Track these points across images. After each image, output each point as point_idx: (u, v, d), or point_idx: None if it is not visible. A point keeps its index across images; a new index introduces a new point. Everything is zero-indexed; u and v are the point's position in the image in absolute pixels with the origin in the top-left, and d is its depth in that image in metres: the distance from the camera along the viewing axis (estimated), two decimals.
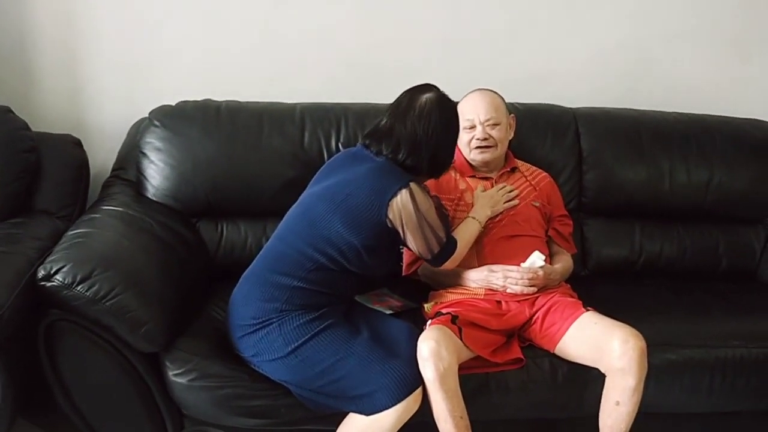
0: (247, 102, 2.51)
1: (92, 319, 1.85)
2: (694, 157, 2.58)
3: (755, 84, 2.91)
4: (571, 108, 2.64)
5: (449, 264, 2.06)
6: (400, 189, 1.88)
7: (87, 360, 1.89)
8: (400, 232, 1.92)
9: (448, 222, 2.07)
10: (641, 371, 1.88)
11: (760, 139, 2.65)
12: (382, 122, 2.01)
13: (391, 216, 1.89)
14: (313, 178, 2.09)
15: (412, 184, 1.90)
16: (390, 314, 2.14)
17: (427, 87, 2.02)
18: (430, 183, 2.27)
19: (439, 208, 2.03)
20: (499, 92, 2.37)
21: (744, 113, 2.76)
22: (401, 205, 1.88)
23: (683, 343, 2.11)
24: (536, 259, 2.12)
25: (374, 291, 2.28)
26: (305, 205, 2.01)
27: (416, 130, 1.94)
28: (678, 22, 2.82)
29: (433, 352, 1.82)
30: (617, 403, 1.90)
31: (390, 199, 1.88)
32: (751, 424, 2.26)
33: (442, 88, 2.05)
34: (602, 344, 1.92)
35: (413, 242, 1.94)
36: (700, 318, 2.28)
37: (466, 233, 2.14)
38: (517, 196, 2.32)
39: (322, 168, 2.10)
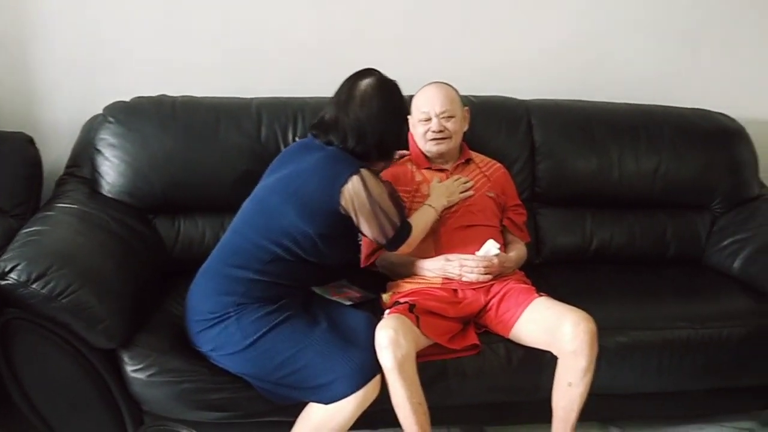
0: (203, 97, 2.51)
1: (49, 317, 1.84)
2: (643, 146, 2.65)
3: (703, 75, 2.99)
4: (523, 100, 2.70)
5: (405, 248, 2.09)
6: (351, 175, 1.90)
7: (44, 358, 1.88)
8: (354, 218, 1.94)
9: (402, 206, 2.09)
10: (592, 353, 1.94)
11: (706, 128, 2.74)
12: (326, 114, 2.03)
13: (343, 203, 1.91)
14: (267, 170, 2.10)
15: (363, 170, 1.92)
16: (349, 305, 2.16)
17: (367, 72, 2.03)
18: (386, 174, 2.32)
19: (392, 194, 2.05)
20: (453, 85, 2.41)
21: (692, 103, 2.84)
22: (353, 191, 1.90)
23: (633, 325, 2.18)
24: (491, 247, 2.17)
25: (333, 283, 2.30)
26: (259, 198, 2.02)
27: (359, 118, 1.96)
28: (628, 15, 2.88)
29: (391, 340, 1.86)
30: (569, 384, 1.96)
31: (342, 186, 1.89)
32: (700, 402, 2.34)
33: (397, 80, 2.07)
34: (554, 328, 1.97)
35: (367, 227, 1.96)
36: (648, 301, 2.35)
37: (421, 219, 2.18)
38: (472, 187, 2.36)
39: (275, 160, 2.11)
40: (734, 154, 2.72)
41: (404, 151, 2.43)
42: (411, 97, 2.41)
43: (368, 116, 1.97)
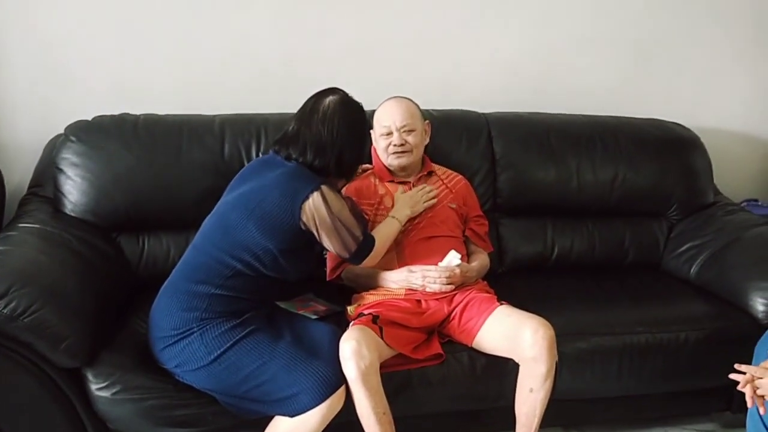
0: (166, 115, 2.52)
1: (10, 337, 1.83)
2: (600, 157, 2.72)
3: (657, 85, 3.07)
4: (483, 113, 2.75)
5: (369, 261, 2.12)
6: (312, 192, 1.93)
7: (7, 378, 1.86)
8: (315, 233, 1.96)
9: (363, 220, 2.12)
10: (551, 358, 1.98)
11: (659, 138, 2.81)
12: (290, 128, 2.06)
13: (304, 219, 1.93)
14: (228, 187, 2.11)
15: (323, 186, 1.95)
16: (315, 319, 2.18)
17: (332, 90, 2.08)
18: (350, 188, 2.35)
19: (353, 208, 2.08)
20: (414, 99, 2.46)
21: (647, 113, 2.93)
22: (314, 207, 1.93)
23: (592, 331, 2.22)
24: (453, 258, 2.21)
25: (299, 297, 2.32)
26: (220, 214, 2.04)
27: (321, 132, 2.00)
28: (582, 27, 2.96)
29: (354, 351, 1.88)
30: (531, 390, 2.00)
31: (302, 202, 1.92)
32: (661, 405, 2.39)
33: (359, 96, 2.11)
34: (515, 335, 2.01)
35: (329, 242, 1.99)
36: (607, 307, 2.40)
37: (385, 231, 2.21)
38: (435, 196, 2.40)
39: (236, 176, 2.13)
40: (689, 163, 2.80)
41: (367, 165, 2.47)
42: (373, 111, 2.46)
43: (329, 131, 2.00)
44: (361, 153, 2.15)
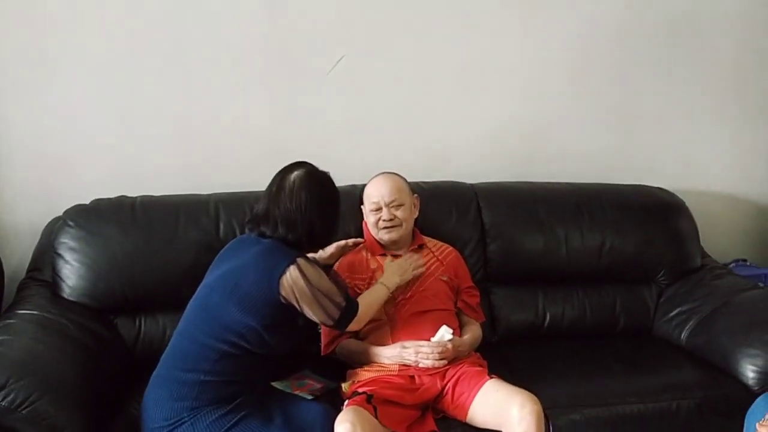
0: (162, 196, 2.58)
1: (9, 428, 1.84)
2: (587, 224, 2.76)
3: (638, 149, 3.13)
4: (471, 184, 2.81)
5: (354, 326, 2.15)
6: (289, 266, 1.97)
7: None
8: (297, 305, 2.00)
9: (344, 286, 2.15)
10: None
11: (645, 204, 2.86)
12: (260, 206, 2.12)
13: (284, 293, 1.97)
14: (209, 269, 2.16)
15: (299, 260, 1.99)
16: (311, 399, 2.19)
17: (297, 165, 2.13)
18: (342, 263, 2.40)
19: (333, 276, 2.12)
20: (402, 173, 2.52)
21: (631, 179, 2.99)
22: (292, 281, 1.97)
23: (585, 402, 2.23)
24: (444, 333, 2.24)
25: (295, 374, 2.34)
26: (201, 297, 2.08)
27: (289, 208, 2.05)
28: (563, 98, 3.04)
29: None
30: None
31: (280, 277, 1.96)
32: None
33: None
34: (503, 410, 2.02)
35: (311, 313, 2.02)
36: (599, 377, 2.41)
37: (371, 296, 2.25)
38: (424, 264, 2.44)
39: (215, 258, 2.17)
40: (675, 228, 2.84)
41: (359, 239, 2.52)
42: (363, 186, 2.52)
43: (297, 207, 2.05)
44: (332, 221, 2.17)
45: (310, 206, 2.06)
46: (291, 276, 1.97)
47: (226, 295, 1.99)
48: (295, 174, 2.09)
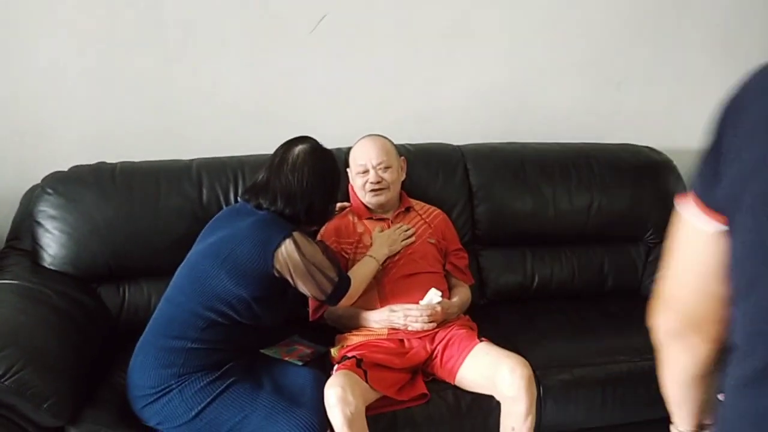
0: (142, 162, 2.52)
1: None
2: (574, 184, 2.74)
3: (626, 109, 3.10)
4: (458, 146, 2.77)
5: (345, 301, 2.13)
6: (284, 239, 1.94)
7: None
8: (290, 280, 1.97)
9: (337, 261, 2.13)
10: (530, 396, 1.99)
11: (633, 162, 2.84)
12: (259, 177, 2.07)
13: (278, 266, 1.94)
14: (199, 236, 2.12)
15: (295, 233, 1.96)
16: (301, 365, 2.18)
17: (302, 139, 2.09)
18: (329, 227, 2.36)
19: (326, 250, 2.09)
20: (388, 136, 2.48)
21: (619, 139, 2.96)
22: (287, 254, 1.94)
23: (575, 362, 2.24)
24: (433, 295, 2.22)
25: (284, 341, 2.32)
26: (191, 264, 2.04)
27: (290, 182, 2.01)
28: (552, 56, 2.99)
29: (340, 398, 1.88)
30: (513, 429, 2.01)
31: (275, 250, 1.93)
32: None
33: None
34: (493, 375, 2.02)
35: (304, 287, 2.00)
36: (589, 337, 2.43)
37: (362, 270, 2.22)
38: (413, 234, 2.42)
39: (206, 226, 2.13)
40: (663, 186, 2.82)
41: (345, 203, 2.49)
42: (348, 149, 2.48)
43: (299, 181, 2.01)
44: (332, 201, 2.16)
45: (312, 181, 2.02)
46: (286, 249, 1.93)
47: (217, 264, 1.95)
48: (299, 148, 2.05)
